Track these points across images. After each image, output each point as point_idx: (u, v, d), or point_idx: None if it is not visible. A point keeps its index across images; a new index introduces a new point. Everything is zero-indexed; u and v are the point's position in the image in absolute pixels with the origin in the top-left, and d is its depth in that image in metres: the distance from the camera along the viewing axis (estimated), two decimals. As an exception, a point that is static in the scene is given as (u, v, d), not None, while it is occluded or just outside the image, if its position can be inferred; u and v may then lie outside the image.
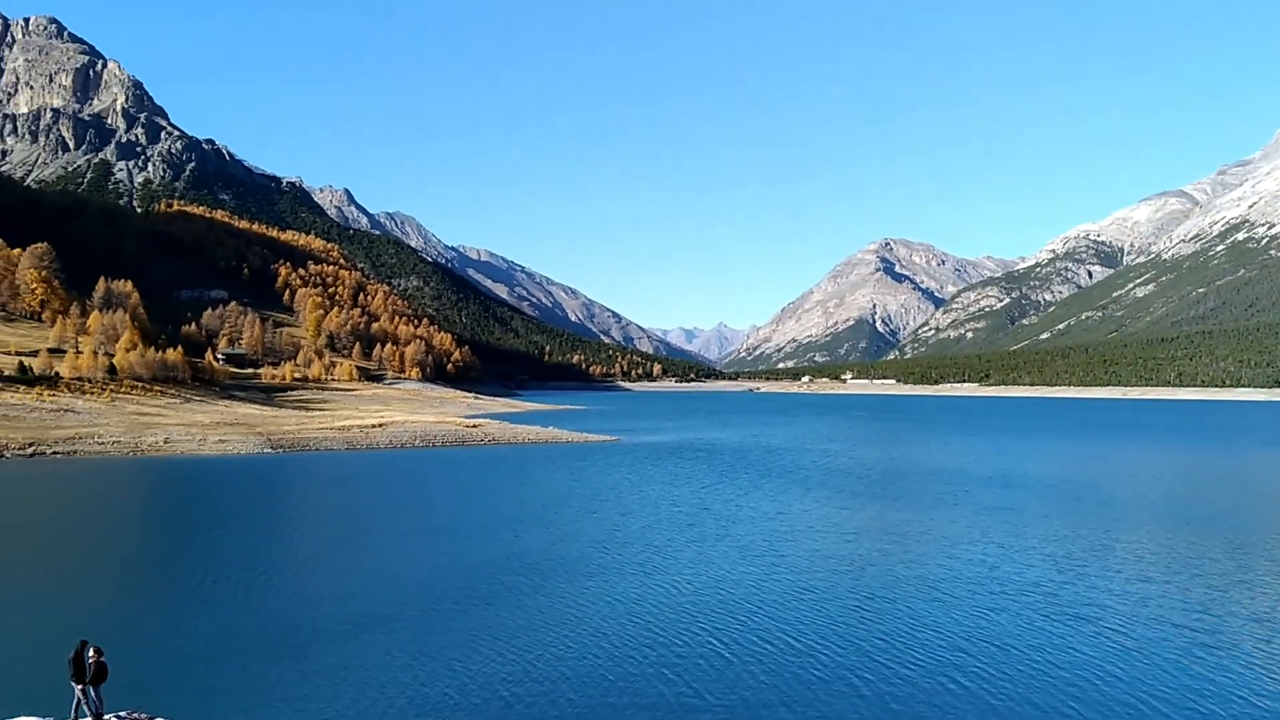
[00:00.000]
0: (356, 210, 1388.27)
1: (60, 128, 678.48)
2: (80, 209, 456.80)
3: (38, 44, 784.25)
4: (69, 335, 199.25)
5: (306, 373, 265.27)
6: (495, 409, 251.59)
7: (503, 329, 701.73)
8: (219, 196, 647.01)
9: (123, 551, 61.74)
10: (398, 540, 64.13)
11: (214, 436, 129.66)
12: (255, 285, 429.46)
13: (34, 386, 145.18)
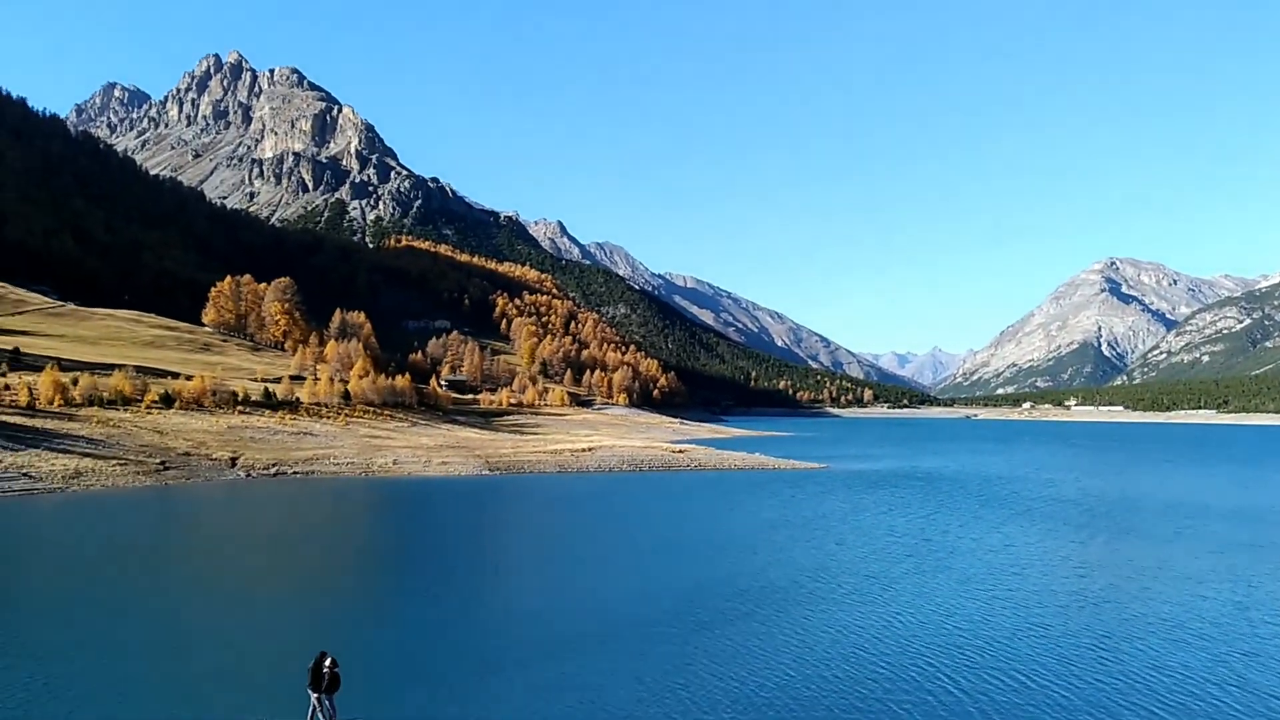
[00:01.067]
0: (568, 241, 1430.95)
1: (301, 170, 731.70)
2: (318, 246, 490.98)
3: (281, 93, 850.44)
4: (308, 363, 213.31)
5: (521, 398, 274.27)
6: (701, 434, 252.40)
7: (708, 355, 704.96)
8: (442, 231, 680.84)
9: (357, 566, 65.01)
10: (610, 561, 64.83)
11: (437, 458, 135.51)
12: (475, 315, 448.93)
13: (277, 411, 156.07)
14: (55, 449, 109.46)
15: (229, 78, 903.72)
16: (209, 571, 60.54)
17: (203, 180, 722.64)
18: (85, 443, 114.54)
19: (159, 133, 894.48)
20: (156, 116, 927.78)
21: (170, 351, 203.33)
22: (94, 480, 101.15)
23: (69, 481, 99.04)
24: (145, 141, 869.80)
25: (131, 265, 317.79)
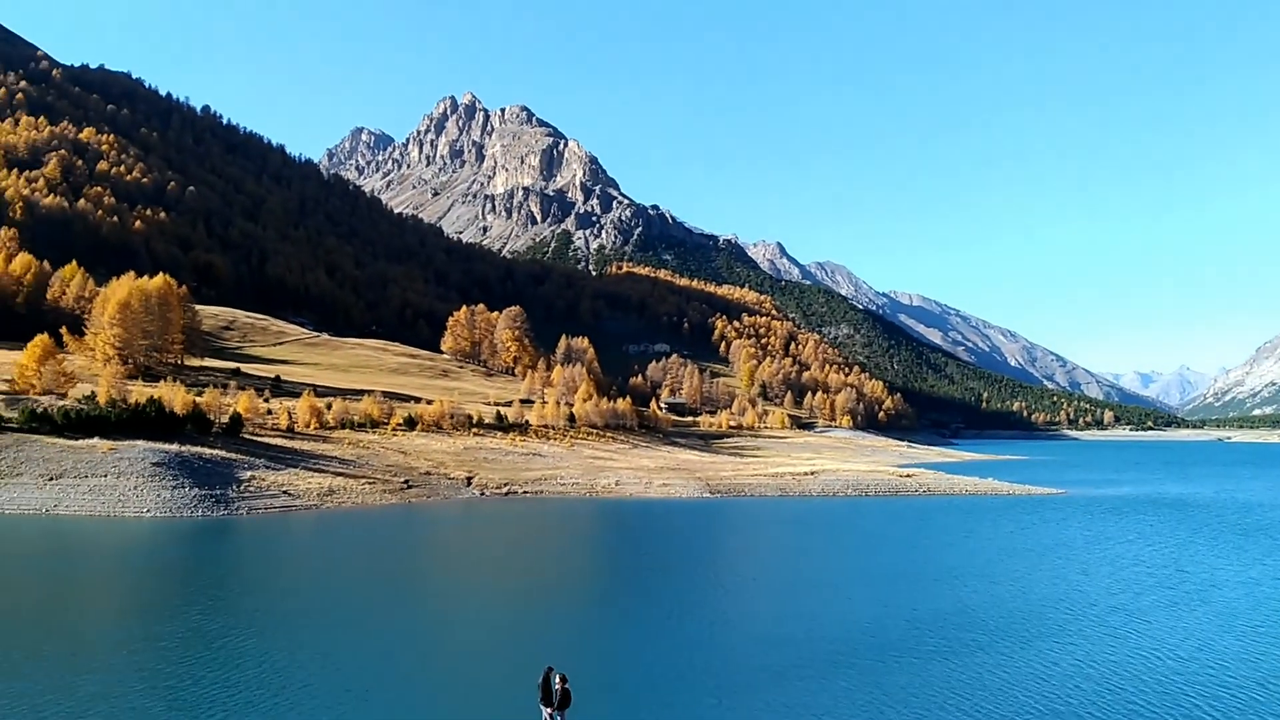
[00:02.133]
0: (788, 262, 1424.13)
1: (529, 204, 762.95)
2: (545, 275, 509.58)
3: (511, 130, 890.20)
4: (536, 387, 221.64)
5: (741, 421, 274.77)
6: (929, 458, 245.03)
7: (936, 375, 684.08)
8: (662, 257, 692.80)
9: (585, 584, 66.96)
10: (837, 586, 63.86)
11: (658, 480, 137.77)
12: (694, 338, 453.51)
13: (508, 433, 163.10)
14: (311, 468, 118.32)
15: (464, 118, 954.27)
16: (449, 585, 63.95)
17: (441, 216, 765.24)
18: (338, 463, 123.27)
19: (401, 173, 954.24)
20: (399, 158, 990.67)
21: (412, 377, 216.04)
22: (345, 498, 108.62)
23: (323, 499, 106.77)
24: (390, 181, 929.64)
25: (378, 298, 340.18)
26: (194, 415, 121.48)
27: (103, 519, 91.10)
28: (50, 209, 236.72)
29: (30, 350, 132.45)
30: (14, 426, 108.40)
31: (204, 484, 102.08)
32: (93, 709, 34.78)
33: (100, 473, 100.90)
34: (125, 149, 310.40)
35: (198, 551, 77.19)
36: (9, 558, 72.88)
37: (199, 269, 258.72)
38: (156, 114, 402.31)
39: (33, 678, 38.17)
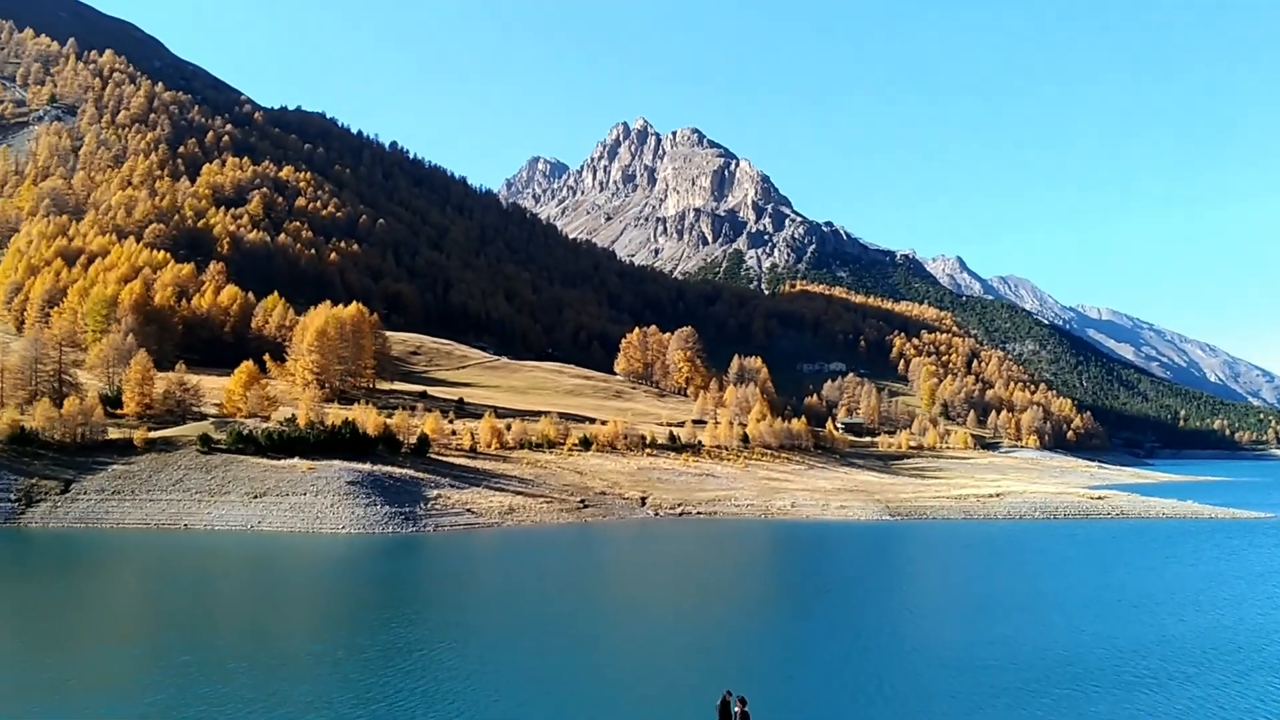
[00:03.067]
0: (969, 277, 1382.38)
1: (701, 225, 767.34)
2: (716, 295, 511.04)
3: (683, 153, 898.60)
4: (709, 408, 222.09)
5: (921, 441, 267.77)
6: (1122, 479, 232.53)
7: (1128, 392, 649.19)
8: (836, 274, 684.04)
9: (761, 606, 66.57)
10: (1029, 611, 61.26)
11: (835, 502, 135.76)
12: (871, 356, 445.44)
13: (681, 453, 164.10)
14: (493, 487, 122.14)
15: (636, 143, 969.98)
16: (627, 604, 64.79)
17: (614, 240, 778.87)
18: (517, 482, 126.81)
19: (576, 199, 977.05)
20: (574, 184, 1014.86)
21: (587, 399, 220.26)
22: (525, 516, 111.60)
23: (504, 517, 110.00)
24: (564, 208, 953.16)
25: (554, 321, 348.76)
26: (384, 436, 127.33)
27: (302, 535, 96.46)
28: (254, 244, 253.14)
29: (237, 376, 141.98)
30: (223, 447, 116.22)
31: (394, 502, 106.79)
32: (304, 718, 36.90)
33: (300, 491, 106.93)
34: (321, 185, 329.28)
35: (390, 567, 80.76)
36: (220, 571, 78.03)
37: (388, 297, 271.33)
38: (349, 151, 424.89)
39: (247, 685, 40.85)
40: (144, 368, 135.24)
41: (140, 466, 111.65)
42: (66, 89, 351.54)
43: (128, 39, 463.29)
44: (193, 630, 54.25)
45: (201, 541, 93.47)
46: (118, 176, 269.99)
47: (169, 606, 62.55)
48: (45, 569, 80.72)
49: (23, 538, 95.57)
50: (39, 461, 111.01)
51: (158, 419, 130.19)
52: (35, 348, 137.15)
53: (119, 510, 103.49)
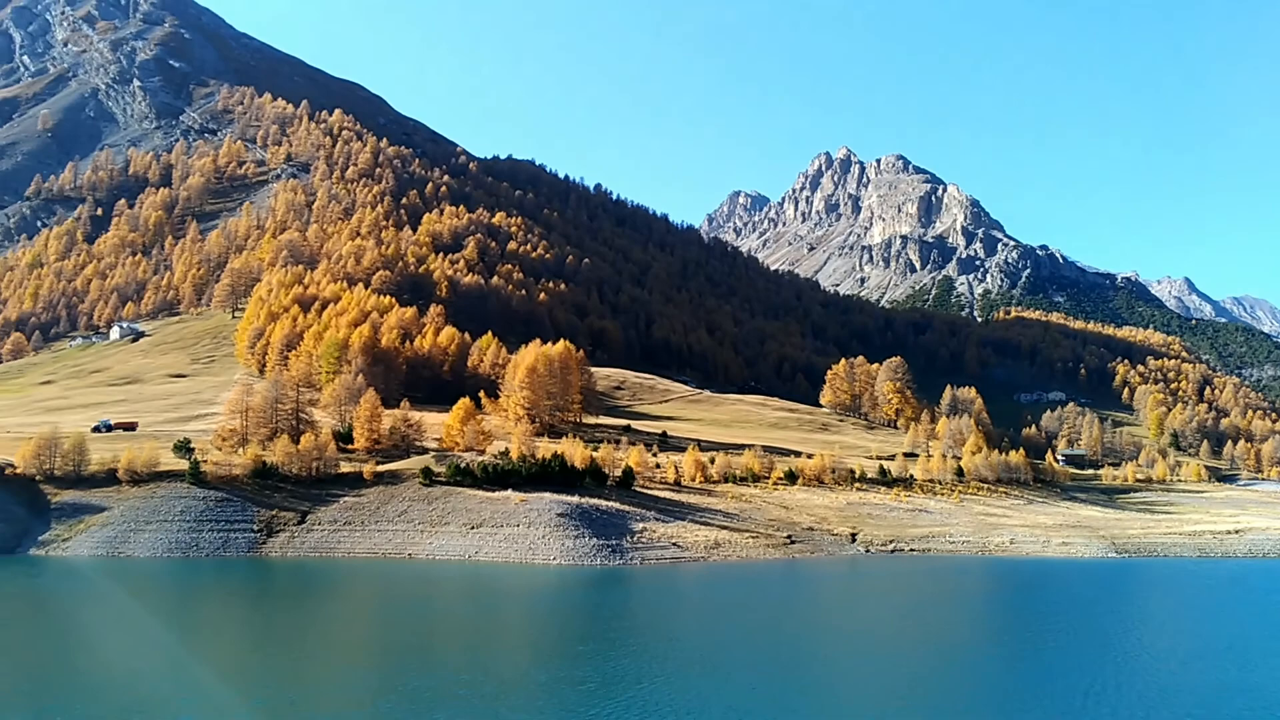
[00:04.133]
0: (1198, 299, 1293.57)
1: (908, 252, 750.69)
2: (926, 323, 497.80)
3: (887, 180, 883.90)
4: (920, 440, 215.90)
5: (1149, 473, 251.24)
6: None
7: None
8: (1053, 299, 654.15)
9: (987, 648, 63.90)
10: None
11: (1057, 538, 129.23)
12: (1092, 385, 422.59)
13: (892, 488, 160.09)
14: (698, 521, 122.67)
15: (839, 172, 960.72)
16: (843, 642, 63.61)
17: (817, 270, 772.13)
18: (722, 516, 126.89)
19: (777, 231, 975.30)
20: (775, 216, 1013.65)
21: (792, 431, 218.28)
22: (730, 551, 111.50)
23: (710, 551, 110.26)
24: (766, 240, 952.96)
25: (756, 354, 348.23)
26: (591, 469, 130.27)
27: (516, 565, 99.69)
28: (469, 286, 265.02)
29: (455, 412, 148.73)
30: (443, 480, 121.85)
31: (601, 534, 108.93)
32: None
33: (513, 522, 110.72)
34: (531, 229, 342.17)
35: (601, 598, 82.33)
36: (441, 599, 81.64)
37: (594, 334, 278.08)
38: (556, 195, 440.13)
39: (471, 713, 42.47)
40: (372, 405, 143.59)
41: (369, 498, 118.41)
42: (301, 148, 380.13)
43: (355, 99, 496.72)
44: (421, 656, 56.95)
45: (424, 570, 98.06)
46: (347, 228, 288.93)
47: (399, 633, 65.88)
48: (286, 596, 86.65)
49: (264, 566, 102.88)
50: (279, 494, 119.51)
51: (384, 453, 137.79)
52: (275, 388, 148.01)
53: (350, 540, 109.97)
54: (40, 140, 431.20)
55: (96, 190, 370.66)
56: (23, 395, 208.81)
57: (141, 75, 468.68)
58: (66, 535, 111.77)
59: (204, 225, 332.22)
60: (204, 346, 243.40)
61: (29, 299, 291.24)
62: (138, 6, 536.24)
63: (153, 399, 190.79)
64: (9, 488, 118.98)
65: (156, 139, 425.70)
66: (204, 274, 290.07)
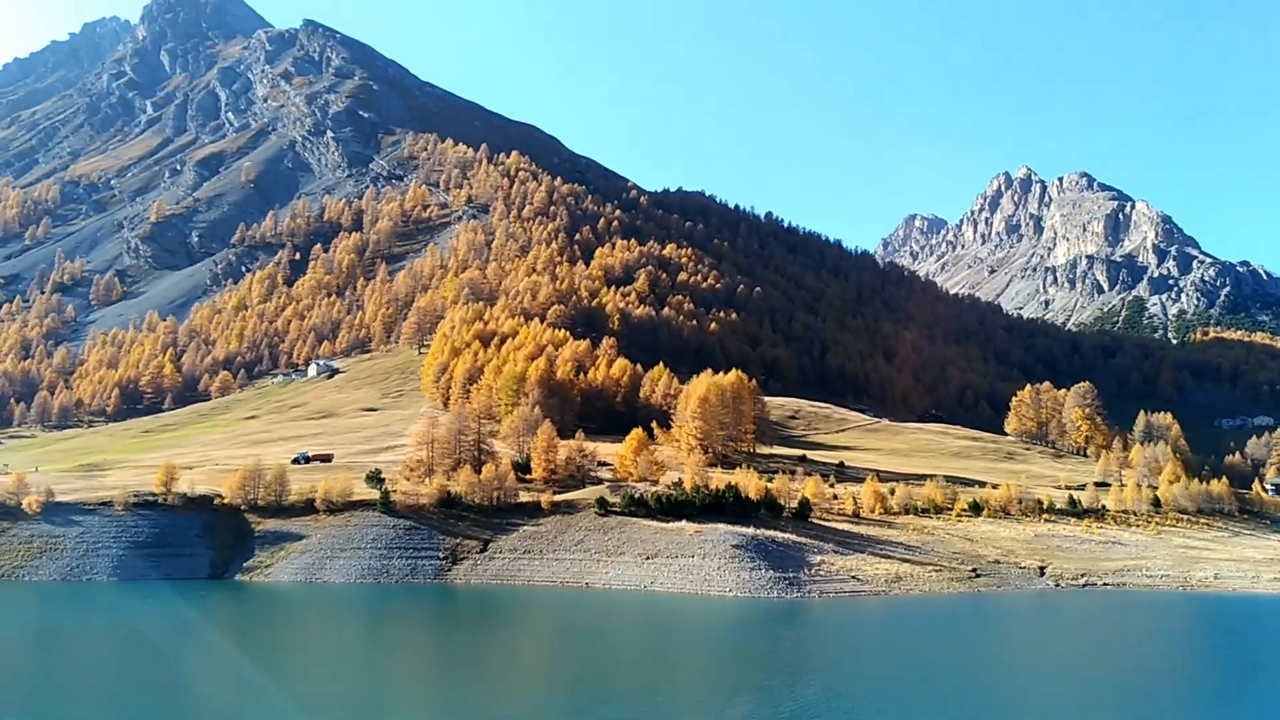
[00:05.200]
0: None
1: (1094, 272, 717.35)
2: (1116, 346, 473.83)
3: (1071, 198, 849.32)
4: (1112, 469, 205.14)
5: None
6: None
7: None
8: (1256, 318, 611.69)
9: (1202, 692, 60.20)
10: None
11: (1268, 574, 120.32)
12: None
13: (1082, 519, 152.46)
14: (877, 554, 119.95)
15: (1019, 192, 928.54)
16: (1038, 680, 60.99)
17: (998, 294, 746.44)
18: (903, 549, 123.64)
19: (956, 254, 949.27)
20: (953, 239, 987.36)
21: (975, 461, 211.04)
22: (912, 585, 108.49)
23: (890, 585, 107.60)
24: (944, 264, 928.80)
25: (936, 380, 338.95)
26: (766, 500, 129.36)
27: (691, 596, 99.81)
28: (640, 318, 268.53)
29: (628, 443, 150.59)
30: (618, 510, 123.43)
31: (778, 566, 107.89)
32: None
33: (688, 553, 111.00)
34: (701, 259, 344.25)
35: (780, 631, 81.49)
36: (620, 629, 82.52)
37: (766, 363, 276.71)
38: (726, 225, 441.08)
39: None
40: (549, 436, 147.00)
41: (546, 527, 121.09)
42: (480, 190, 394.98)
43: (530, 140, 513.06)
44: (604, 685, 57.68)
45: (601, 600, 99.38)
46: (524, 265, 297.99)
47: (581, 661, 67.03)
48: (472, 622, 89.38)
49: (450, 593, 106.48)
50: (462, 522, 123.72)
51: (560, 483, 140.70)
52: (458, 420, 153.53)
53: (529, 569, 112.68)
54: (244, 191, 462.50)
55: (295, 236, 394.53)
56: (229, 430, 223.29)
57: (334, 127, 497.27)
58: (269, 562, 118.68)
59: (392, 266, 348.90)
60: (393, 381, 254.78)
61: (235, 339, 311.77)
62: (330, 62, 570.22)
63: (346, 432, 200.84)
64: (218, 517, 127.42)
65: (348, 186, 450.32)
66: (392, 313, 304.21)
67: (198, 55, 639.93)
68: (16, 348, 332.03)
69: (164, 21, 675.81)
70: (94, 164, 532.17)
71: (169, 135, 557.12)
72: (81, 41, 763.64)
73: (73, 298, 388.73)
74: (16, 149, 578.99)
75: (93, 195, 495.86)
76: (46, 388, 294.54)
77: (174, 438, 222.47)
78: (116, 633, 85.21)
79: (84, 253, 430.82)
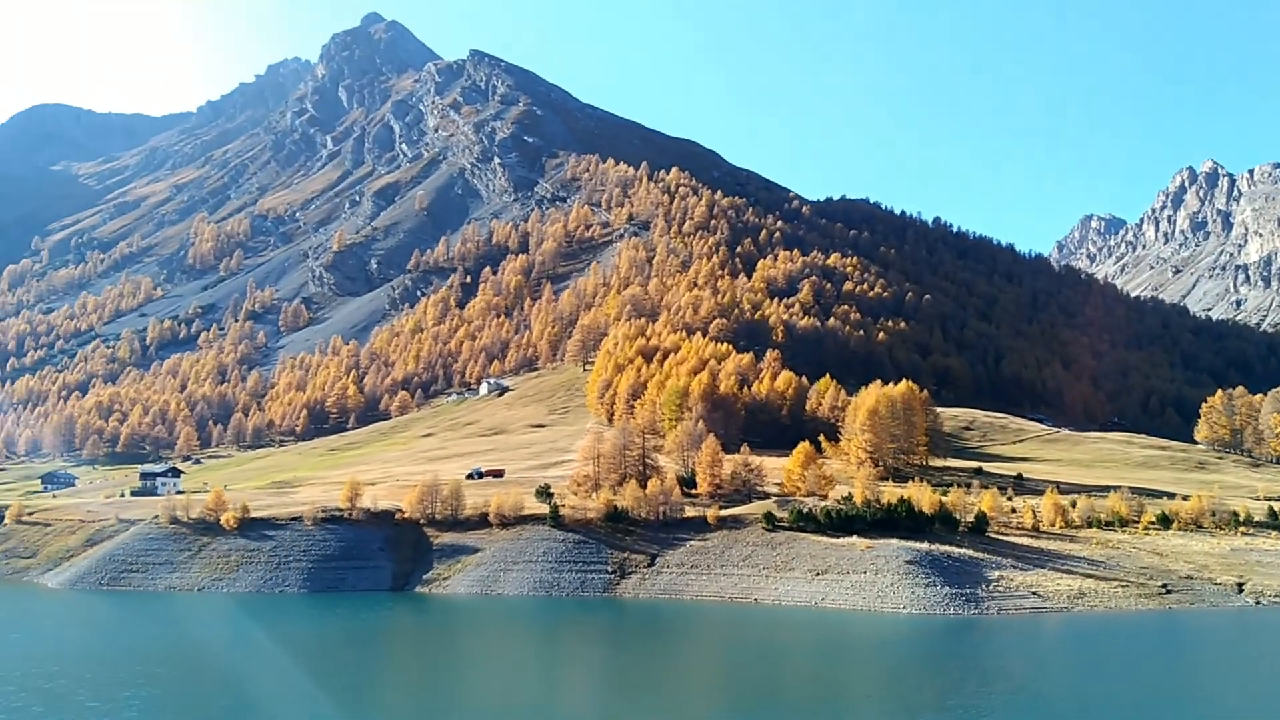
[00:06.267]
0: None
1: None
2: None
3: (1263, 191, 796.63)
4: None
5: None
6: None
7: None
8: None
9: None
10: None
11: None
12: None
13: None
14: (1059, 569, 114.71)
15: (1204, 187, 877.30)
16: (1240, 707, 57.37)
17: (1184, 295, 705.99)
18: (1086, 563, 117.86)
19: (1136, 255, 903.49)
20: (1133, 239, 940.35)
21: (1162, 471, 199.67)
22: (1096, 601, 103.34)
23: (1073, 601, 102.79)
24: (1124, 265, 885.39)
25: (1118, 387, 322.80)
26: (940, 514, 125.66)
27: (862, 613, 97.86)
28: (805, 329, 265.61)
29: (795, 457, 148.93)
30: (785, 525, 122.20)
31: (954, 582, 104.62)
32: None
33: (859, 569, 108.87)
34: (867, 268, 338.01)
35: (958, 649, 79.10)
36: (790, 646, 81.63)
37: (937, 372, 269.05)
38: (893, 232, 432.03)
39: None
40: (713, 451, 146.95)
41: (713, 543, 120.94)
42: (641, 207, 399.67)
43: (689, 155, 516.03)
44: (782, 701, 57.15)
45: (770, 615, 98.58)
46: (685, 280, 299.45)
47: (754, 677, 66.69)
48: (644, 636, 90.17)
49: (619, 606, 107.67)
50: (629, 537, 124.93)
51: (726, 497, 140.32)
52: (623, 436, 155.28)
53: (697, 583, 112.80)
54: (418, 219, 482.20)
55: (465, 260, 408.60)
56: (408, 447, 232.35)
57: (500, 152, 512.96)
58: (446, 574, 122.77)
59: (557, 286, 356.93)
60: (559, 398, 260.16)
61: (412, 360, 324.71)
62: (495, 90, 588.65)
63: (516, 448, 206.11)
64: (399, 531, 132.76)
65: (514, 210, 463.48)
66: (558, 331, 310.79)
67: (373, 90, 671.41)
68: (214, 373, 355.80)
69: (340, 59, 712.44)
70: (280, 198, 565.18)
71: (348, 168, 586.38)
72: (266, 82, 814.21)
73: (263, 324, 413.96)
74: (210, 186, 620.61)
75: (280, 228, 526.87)
76: (241, 410, 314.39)
77: (357, 455, 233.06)
78: (325, 642, 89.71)
79: (273, 282, 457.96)
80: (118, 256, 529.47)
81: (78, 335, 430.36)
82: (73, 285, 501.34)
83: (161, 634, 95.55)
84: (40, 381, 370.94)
